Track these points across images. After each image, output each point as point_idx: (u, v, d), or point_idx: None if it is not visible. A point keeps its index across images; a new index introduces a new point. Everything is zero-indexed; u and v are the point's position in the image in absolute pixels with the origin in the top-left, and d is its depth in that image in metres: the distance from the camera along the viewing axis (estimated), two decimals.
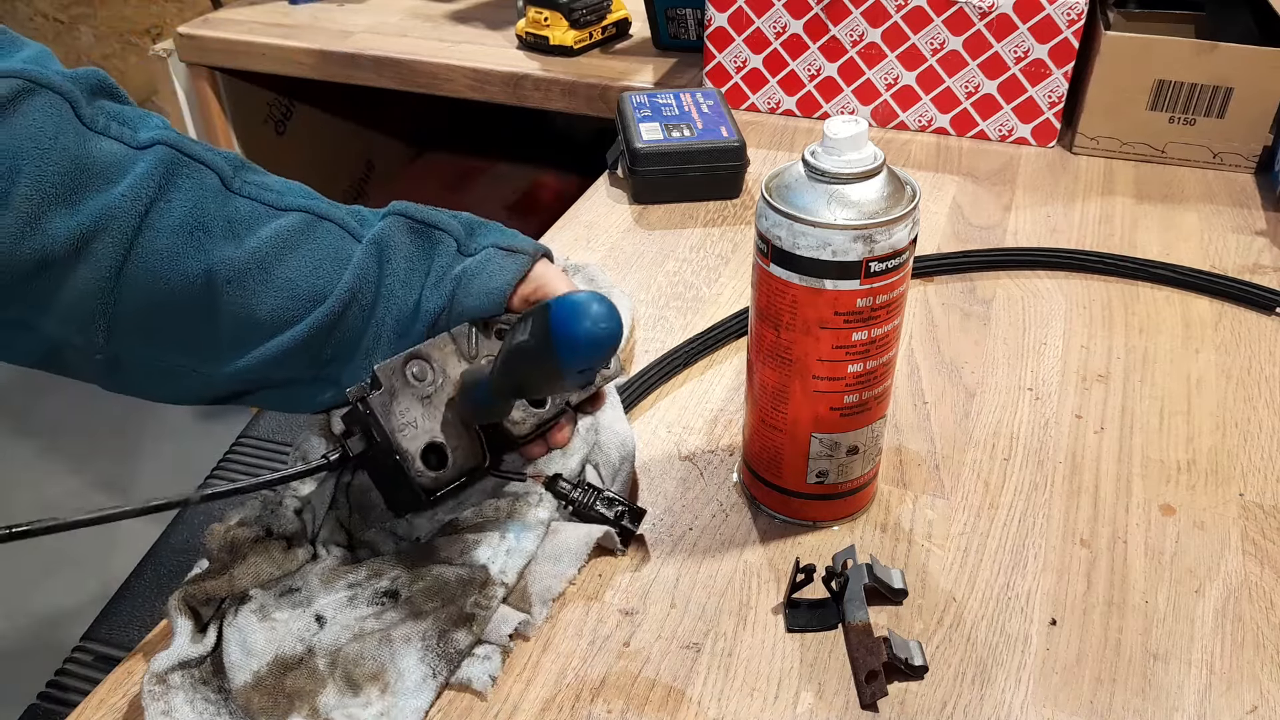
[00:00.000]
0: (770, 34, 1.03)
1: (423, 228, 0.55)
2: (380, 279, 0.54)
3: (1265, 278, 0.80)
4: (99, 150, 0.48)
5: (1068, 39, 0.96)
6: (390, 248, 0.54)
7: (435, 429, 0.52)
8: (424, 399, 0.52)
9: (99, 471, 1.85)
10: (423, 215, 0.56)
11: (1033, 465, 0.63)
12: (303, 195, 0.54)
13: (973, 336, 0.75)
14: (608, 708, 0.49)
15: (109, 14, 1.85)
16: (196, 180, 0.50)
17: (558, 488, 0.56)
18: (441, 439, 0.52)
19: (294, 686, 0.48)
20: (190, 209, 0.49)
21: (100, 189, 0.47)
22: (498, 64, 1.23)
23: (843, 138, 0.48)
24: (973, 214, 0.90)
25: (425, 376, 0.53)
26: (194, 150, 0.51)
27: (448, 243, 0.56)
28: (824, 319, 0.51)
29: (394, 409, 0.51)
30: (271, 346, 0.52)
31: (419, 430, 0.52)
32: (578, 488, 0.56)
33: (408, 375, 0.52)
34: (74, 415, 1.96)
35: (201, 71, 1.40)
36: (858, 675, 0.50)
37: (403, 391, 0.52)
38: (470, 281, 0.54)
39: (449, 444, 0.53)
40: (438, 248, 0.55)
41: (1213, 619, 0.53)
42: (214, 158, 0.52)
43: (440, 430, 0.52)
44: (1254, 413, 0.67)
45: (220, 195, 0.51)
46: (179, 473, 1.80)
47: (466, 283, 0.54)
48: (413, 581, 0.52)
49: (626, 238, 0.87)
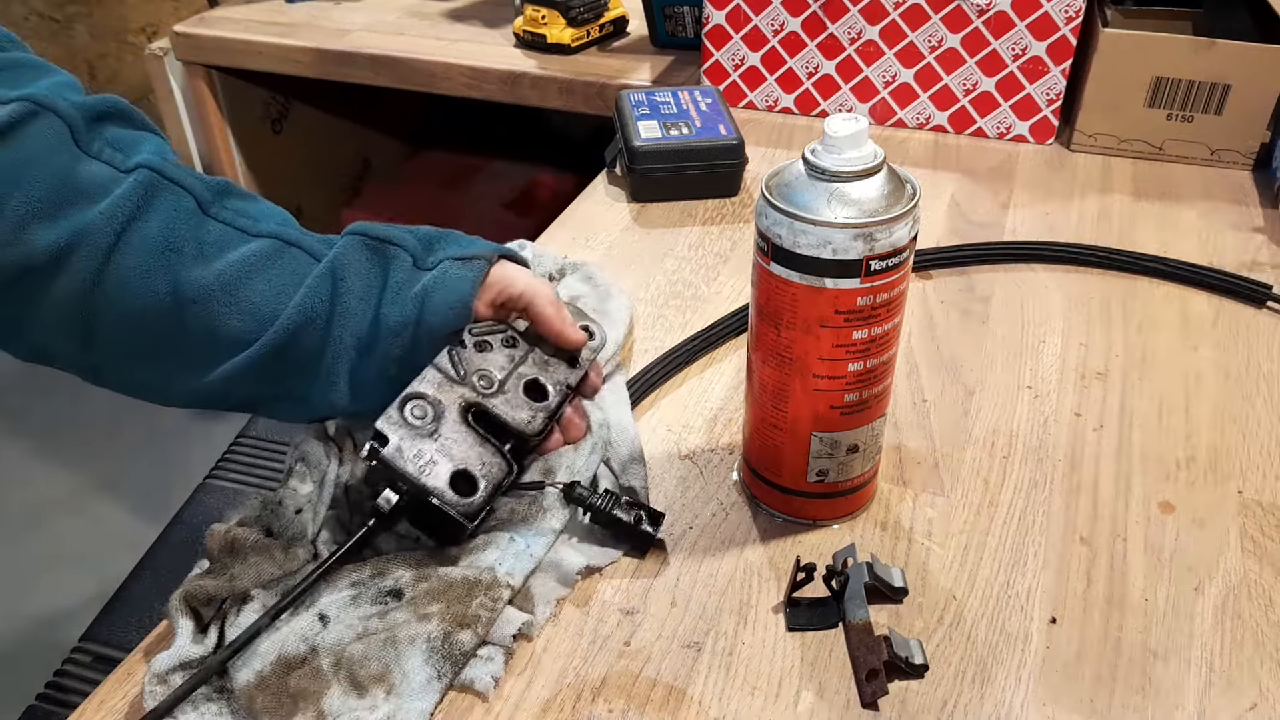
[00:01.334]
0: (768, 31, 1.03)
1: (377, 244, 0.56)
2: (334, 298, 0.55)
3: (1263, 274, 0.80)
4: (87, 172, 0.51)
5: (1065, 36, 0.96)
6: (344, 267, 0.55)
7: (454, 457, 0.53)
8: (430, 435, 0.53)
9: (96, 471, 1.84)
10: (377, 232, 0.57)
11: (1032, 463, 0.63)
12: (277, 222, 0.56)
13: (972, 334, 0.75)
14: (609, 707, 0.49)
15: (104, 13, 1.85)
16: (173, 203, 0.53)
17: (575, 494, 0.56)
18: (464, 465, 0.53)
19: (298, 687, 0.47)
20: (163, 230, 0.52)
21: (83, 207, 0.51)
22: (495, 62, 1.23)
23: (843, 136, 0.48)
24: (971, 211, 0.90)
25: (425, 414, 0.54)
26: (175, 174, 0.53)
27: (402, 257, 0.56)
28: (824, 317, 0.51)
29: (408, 455, 0.52)
30: (229, 366, 0.54)
31: (439, 465, 0.53)
32: (595, 494, 0.57)
33: (408, 419, 0.53)
34: (70, 415, 1.95)
35: (198, 70, 1.40)
36: (858, 674, 0.50)
37: (409, 435, 0.53)
38: (431, 297, 0.55)
39: (472, 467, 0.53)
40: (392, 263, 0.56)
41: (1212, 616, 0.53)
42: (194, 183, 0.54)
43: (460, 457, 0.53)
44: (1252, 410, 0.67)
45: (195, 218, 0.53)
46: (176, 473, 1.79)
47: (428, 299, 0.55)
48: (417, 581, 0.52)
49: (625, 236, 0.87)
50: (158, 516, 1.05)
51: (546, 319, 0.58)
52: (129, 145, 0.53)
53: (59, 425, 1.95)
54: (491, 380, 0.56)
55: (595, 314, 0.71)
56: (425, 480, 0.52)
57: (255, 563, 0.52)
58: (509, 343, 0.58)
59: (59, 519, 1.76)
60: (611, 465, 0.60)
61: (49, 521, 1.75)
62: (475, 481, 0.53)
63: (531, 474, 0.58)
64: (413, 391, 0.54)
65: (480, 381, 0.56)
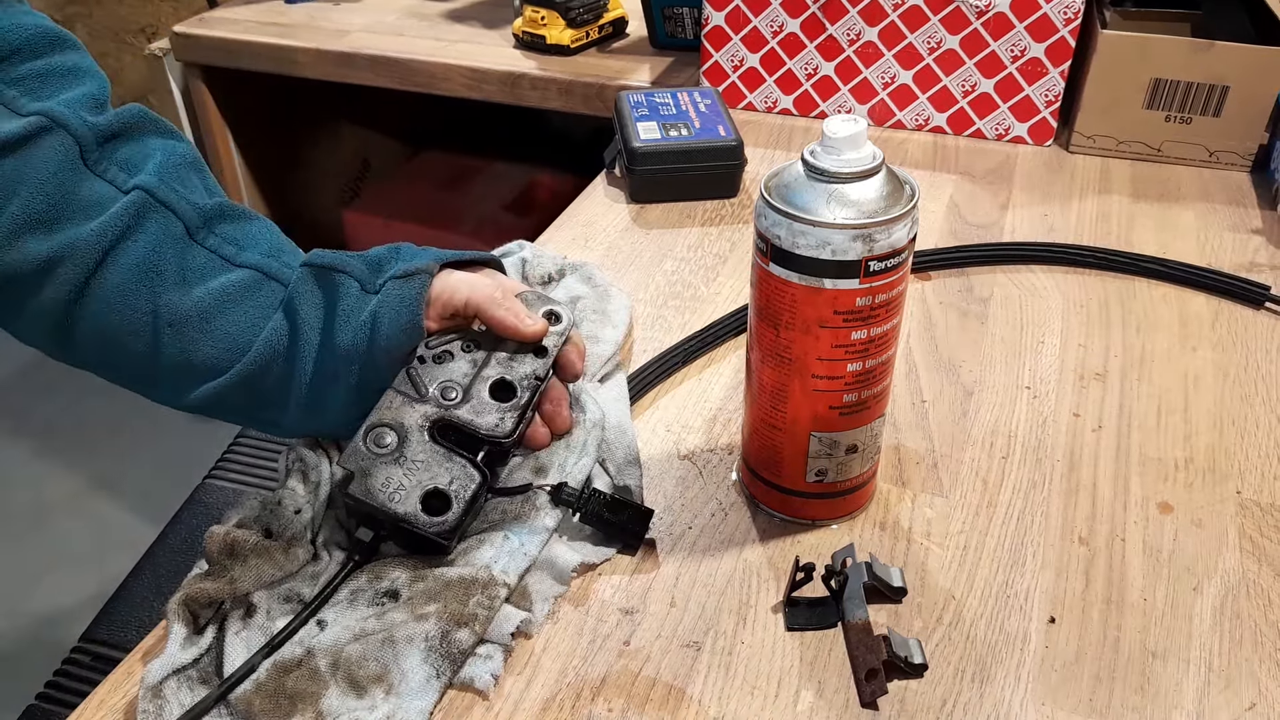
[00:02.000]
0: (767, 33, 1.03)
1: (324, 272, 0.57)
2: (294, 331, 0.56)
3: (1261, 275, 0.80)
4: (89, 189, 0.53)
5: (1064, 38, 0.96)
6: (298, 298, 0.56)
7: (423, 479, 0.53)
8: (397, 460, 0.53)
9: (96, 471, 1.84)
10: (325, 260, 0.57)
11: (1031, 463, 0.63)
12: (262, 251, 0.57)
13: (970, 335, 0.75)
14: (608, 706, 0.49)
15: (104, 13, 1.85)
16: (162, 226, 0.55)
17: (564, 495, 0.56)
18: (434, 484, 0.53)
19: (295, 688, 0.47)
20: (148, 252, 0.54)
21: (78, 223, 0.53)
22: (494, 63, 1.23)
23: (842, 137, 0.48)
24: (970, 213, 0.91)
25: (389, 440, 0.54)
26: (167, 198, 0.55)
27: (348, 284, 0.57)
28: (823, 318, 0.51)
29: (375, 485, 0.52)
30: (204, 390, 0.56)
31: (408, 490, 0.53)
32: (582, 495, 0.56)
33: (372, 449, 0.53)
34: (71, 415, 1.95)
35: (197, 71, 1.40)
36: (857, 673, 0.50)
37: (375, 465, 0.53)
38: (380, 320, 0.56)
39: (442, 484, 0.53)
40: (339, 289, 0.57)
41: (1211, 616, 0.53)
42: (186, 208, 0.56)
43: (428, 477, 0.53)
44: (1251, 410, 0.67)
45: (181, 243, 0.55)
46: (176, 473, 1.79)
47: (378, 323, 0.56)
48: (413, 582, 0.52)
49: (624, 237, 0.87)
50: (158, 516, 1.05)
51: (498, 321, 0.58)
52: (136, 164, 0.55)
53: (59, 425, 1.95)
54: (456, 389, 0.56)
55: (595, 314, 0.71)
56: (396, 509, 0.52)
57: (255, 564, 0.52)
58: (469, 347, 0.58)
59: (59, 519, 1.76)
60: (607, 467, 0.60)
61: (49, 521, 1.75)
62: (448, 498, 0.53)
63: (523, 473, 0.58)
64: (373, 421, 0.54)
65: (446, 394, 0.56)
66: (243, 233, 0.57)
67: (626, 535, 0.57)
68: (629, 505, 0.57)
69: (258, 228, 0.58)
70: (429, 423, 0.55)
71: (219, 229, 0.56)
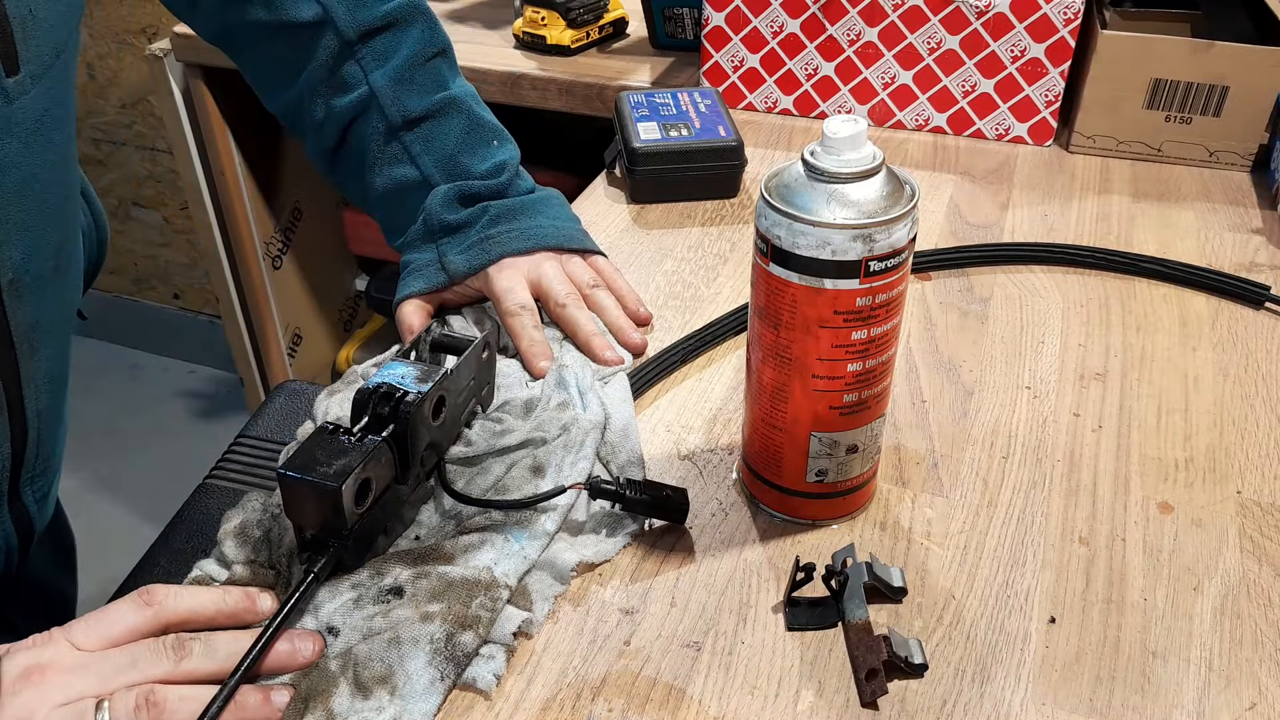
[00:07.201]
0: (767, 33, 1.03)
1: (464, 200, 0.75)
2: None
3: (1261, 275, 0.80)
4: (348, 72, 0.74)
5: (1064, 38, 0.96)
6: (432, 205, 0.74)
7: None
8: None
9: (96, 471, 1.84)
10: (470, 191, 0.74)
11: (1031, 463, 0.63)
12: (436, 161, 0.75)
13: (970, 335, 0.75)
14: (608, 706, 0.49)
15: (104, 13, 1.85)
16: (371, 125, 0.76)
17: (601, 488, 0.56)
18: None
19: (308, 688, 0.48)
20: (358, 137, 0.76)
21: (336, 97, 0.75)
22: (495, 63, 1.23)
23: (842, 137, 0.48)
24: (970, 213, 0.91)
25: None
26: (384, 99, 0.74)
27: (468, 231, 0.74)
28: (823, 318, 0.51)
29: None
30: (351, 166, 0.78)
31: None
32: (619, 484, 0.57)
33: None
34: (71, 415, 1.95)
35: (197, 71, 1.40)
36: (858, 673, 0.50)
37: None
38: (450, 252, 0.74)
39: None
40: (471, 221, 0.74)
41: (1211, 616, 0.53)
42: (394, 112, 0.74)
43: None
44: (1251, 410, 0.67)
45: (381, 136, 0.76)
46: (176, 473, 1.80)
47: (448, 252, 0.73)
48: (417, 578, 0.52)
49: (624, 237, 0.87)
50: (158, 516, 1.05)
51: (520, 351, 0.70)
52: (388, 54, 0.74)
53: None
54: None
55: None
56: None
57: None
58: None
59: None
60: (610, 469, 0.60)
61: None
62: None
63: (520, 471, 0.58)
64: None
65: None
66: (438, 129, 0.74)
67: (672, 510, 0.57)
68: (662, 485, 0.58)
69: (450, 125, 0.75)
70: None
71: (418, 129, 0.74)
